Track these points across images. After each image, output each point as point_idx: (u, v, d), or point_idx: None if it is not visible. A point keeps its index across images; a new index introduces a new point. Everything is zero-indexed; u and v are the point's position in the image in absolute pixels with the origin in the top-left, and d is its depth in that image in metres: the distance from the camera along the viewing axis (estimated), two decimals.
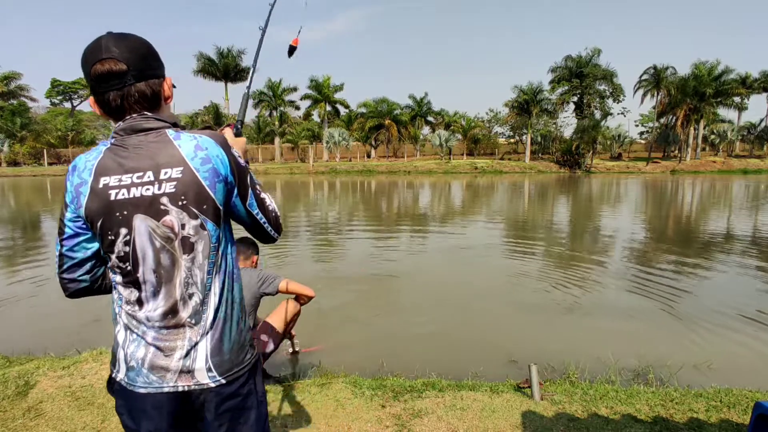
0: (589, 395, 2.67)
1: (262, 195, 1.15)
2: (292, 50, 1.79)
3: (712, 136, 46.61)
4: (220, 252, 1.06)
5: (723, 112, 47.94)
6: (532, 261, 7.49)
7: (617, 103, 48.37)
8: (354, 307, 5.01)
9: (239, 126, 1.38)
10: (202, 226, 1.02)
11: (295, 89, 47.99)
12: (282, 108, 48.63)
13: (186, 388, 1.05)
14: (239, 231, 1.28)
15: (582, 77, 45.20)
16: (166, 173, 0.99)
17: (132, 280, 1.03)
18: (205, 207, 1.01)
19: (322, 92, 47.40)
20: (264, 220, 1.15)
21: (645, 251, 8.37)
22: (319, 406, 2.56)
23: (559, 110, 47.01)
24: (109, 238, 1.01)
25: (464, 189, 25.04)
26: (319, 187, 25.94)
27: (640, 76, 45.15)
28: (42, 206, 17.06)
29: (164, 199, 0.99)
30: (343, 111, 50.79)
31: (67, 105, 59.36)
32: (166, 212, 0.99)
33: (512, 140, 52.46)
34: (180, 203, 0.99)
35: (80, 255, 1.07)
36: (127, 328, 1.06)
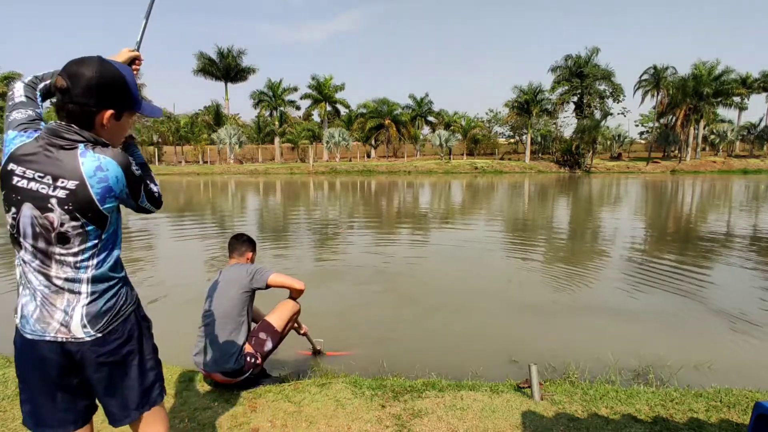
0: (589, 395, 2.67)
1: (151, 187, 1.39)
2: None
3: (712, 136, 46.61)
4: (100, 247, 1.28)
5: (723, 112, 48.01)
6: (532, 261, 7.48)
7: (617, 103, 48.43)
8: (353, 307, 5.01)
9: (137, 46, 1.54)
10: (83, 227, 1.23)
11: (295, 89, 48.03)
12: (282, 108, 48.62)
13: (64, 339, 1.26)
14: (231, 231, 1.28)
15: (582, 77, 45.21)
16: (62, 182, 1.19)
17: (22, 247, 1.26)
18: (90, 215, 1.23)
19: (322, 92, 47.39)
20: (151, 206, 1.40)
21: (645, 251, 8.37)
22: (319, 406, 2.56)
23: (559, 110, 47.04)
24: (5, 205, 1.23)
25: (464, 189, 25.04)
26: (319, 187, 25.94)
27: (640, 76, 45.22)
28: None
29: (53, 201, 1.20)
30: (343, 111, 50.80)
31: None
32: (50, 210, 1.20)
33: (512, 140, 52.47)
34: (65, 207, 1.20)
35: None
36: (24, 284, 1.29)
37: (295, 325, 3.30)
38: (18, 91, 1.38)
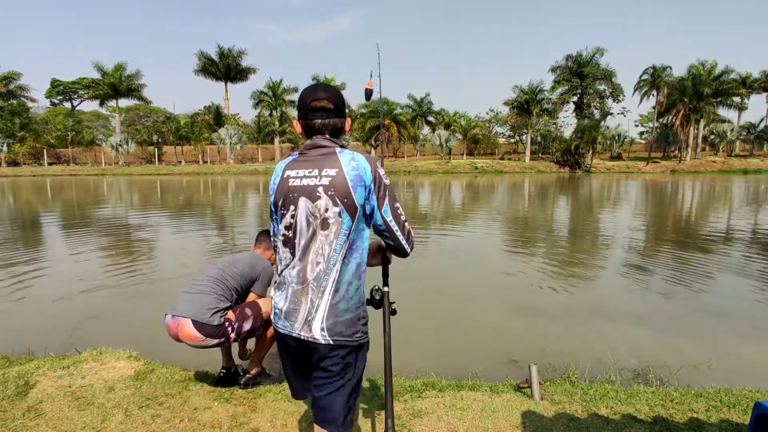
0: (589, 395, 2.67)
1: (399, 210, 1.51)
2: (368, 93, 2.07)
3: (712, 136, 46.61)
4: (349, 239, 1.42)
5: (723, 112, 47.96)
6: (533, 261, 7.48)
7: (617, 103, 48.33)
8: None
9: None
10: (340, 214, 1.40)
11: (295, 89, 48.04)
12: (282, 108, 48.64)
13: (305, 338, 1.44)
14: (231, 229, 1.26)
15: (582, 77, 45.16)
16: (326, 172, 1.42)
17: (291, 245, 1.46)
18: (345, 200, 1.40)
19: None
20: (397, 228, 1.50)
21: (645, 251, 8.37)
22: None
23: (559, 110, 47.00)
24: (282, 212, 1.47)
25: (464, 189, 25.04)
26: None
27: (640, 77, 45.19)
28: (41, 206, 17.06)
29: (320, 189, 1.41)
30: None
31: (67, 105, 59.33)
32: (318, 197, 1.41)
33: (512, 140, 52.48)
34: (329, 193, 1.40)
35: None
36: (280, 285, 1.51)
37: None
38: None
